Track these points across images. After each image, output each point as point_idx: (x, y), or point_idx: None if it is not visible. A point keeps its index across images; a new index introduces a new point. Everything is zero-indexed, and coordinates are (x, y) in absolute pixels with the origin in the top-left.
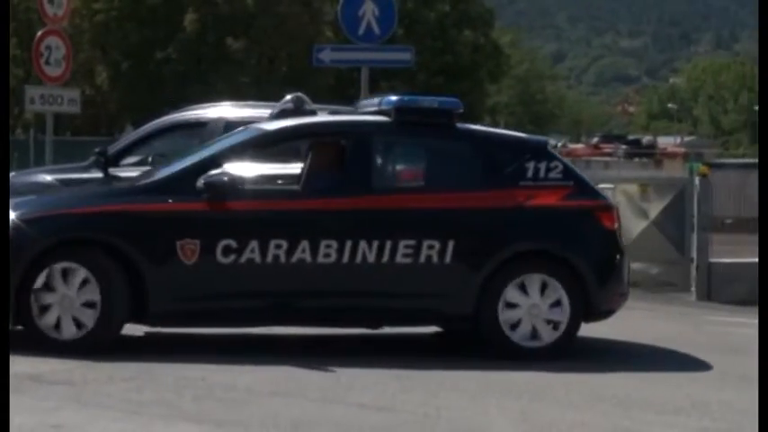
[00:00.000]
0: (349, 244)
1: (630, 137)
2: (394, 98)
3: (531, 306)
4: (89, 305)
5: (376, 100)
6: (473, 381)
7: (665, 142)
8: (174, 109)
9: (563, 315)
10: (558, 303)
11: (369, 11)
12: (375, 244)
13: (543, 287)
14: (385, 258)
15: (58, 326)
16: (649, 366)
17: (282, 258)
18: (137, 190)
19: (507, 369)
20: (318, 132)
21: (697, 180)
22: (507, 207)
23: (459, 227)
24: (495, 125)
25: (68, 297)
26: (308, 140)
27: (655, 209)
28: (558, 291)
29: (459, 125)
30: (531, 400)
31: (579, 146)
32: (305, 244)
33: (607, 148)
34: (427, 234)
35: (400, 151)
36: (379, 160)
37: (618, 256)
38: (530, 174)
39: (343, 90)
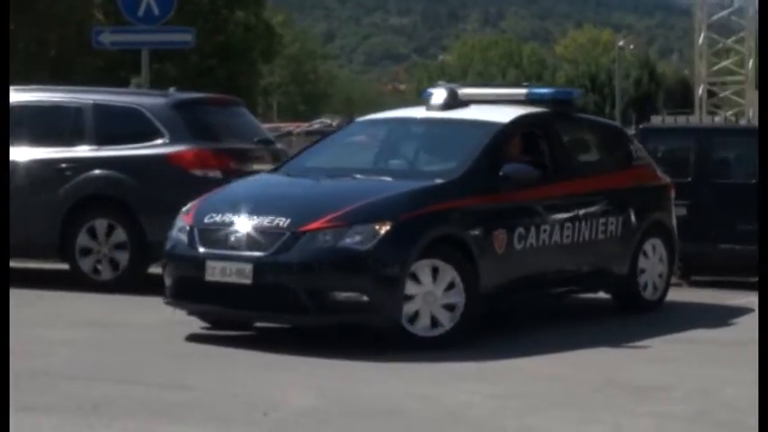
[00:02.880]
0: (577, 225)
1: None
2: (546, 90)
3: (653, 265)
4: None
5: (516, 90)
6: (273, 359)
7: None
8: None
9: (664, 275)
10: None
11: None
12: (589, 222)
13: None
14: (594, 234)
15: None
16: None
17: (546, 240)
18: (451, 185)
19: (308, 348)
20: (535, 123)
21: None
22: (641, 185)
23: (625, 204)
24: (269, 106)
25: (432, 293)
26: (528, 130)
27: None
28: (664, 255)
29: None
30: (331, 378)
31: None
32: (558, 226)
33: None
34: (611, 212)
35: (568, 139)
36: (563, 147)
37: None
38: (635, 154)
39: (112, 72)
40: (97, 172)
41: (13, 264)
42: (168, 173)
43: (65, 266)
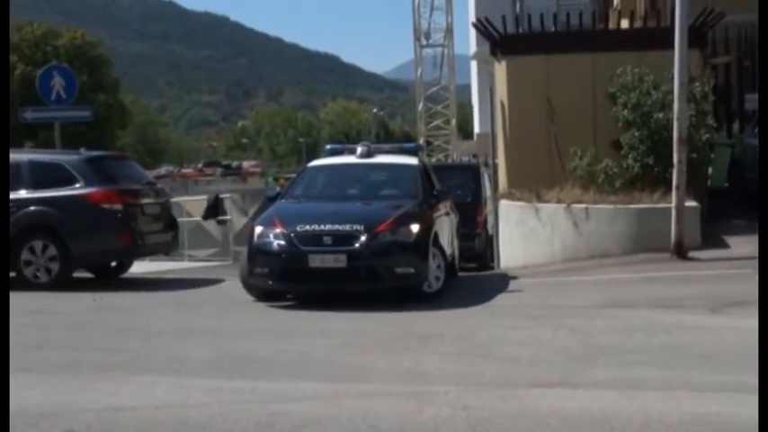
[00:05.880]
0: (451, 223)
1: (224, 162)
2: (413, 144)
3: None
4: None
5: (394, 145)
6: (179, 329)
7: (246, 165)
8: None
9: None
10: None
11: (57, 83)
12: (451, 222)
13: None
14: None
15: None
16: None
17: (448, 231)
18: (424, 202)
19: (215, 319)
20: (424, 164)
21: (278, 188)
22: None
23: (454, 213)
24: None
25: (431, 267)
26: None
27: (251, 209)
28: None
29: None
30: (227, 339)
31: (189, 170)
32: (447, 223)
33: (209, 170)
34: (453, 217)
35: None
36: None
37: None
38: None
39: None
40: (33, 208)
41: None
42: (84, 207)
43: (13, 274)
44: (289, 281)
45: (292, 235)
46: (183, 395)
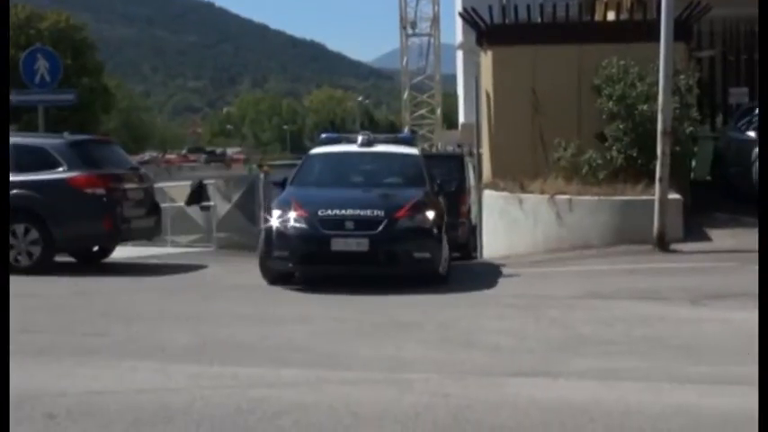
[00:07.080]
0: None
1: (208, 148)
2: (408, 134)
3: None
4: None
5: (390, 135)
6: (159, 314)
7: (231, 151)
8: None
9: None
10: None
11: (42, 65)
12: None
13: None
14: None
15: None
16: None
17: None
18: (431, 191)
19: (195, 304)
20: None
21: (262, 175)
22: None
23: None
24: None
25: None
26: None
27: (235, 195)
28: None
29: None
30: (208, 323)
31: (173, 156)
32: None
33: (193, 156)
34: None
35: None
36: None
37: None
38: None
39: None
40: (15, 191)
41: None
42: (67, 191)
43: None
44: (310, 264)
45: (315, 219)
46: (164, 380)
